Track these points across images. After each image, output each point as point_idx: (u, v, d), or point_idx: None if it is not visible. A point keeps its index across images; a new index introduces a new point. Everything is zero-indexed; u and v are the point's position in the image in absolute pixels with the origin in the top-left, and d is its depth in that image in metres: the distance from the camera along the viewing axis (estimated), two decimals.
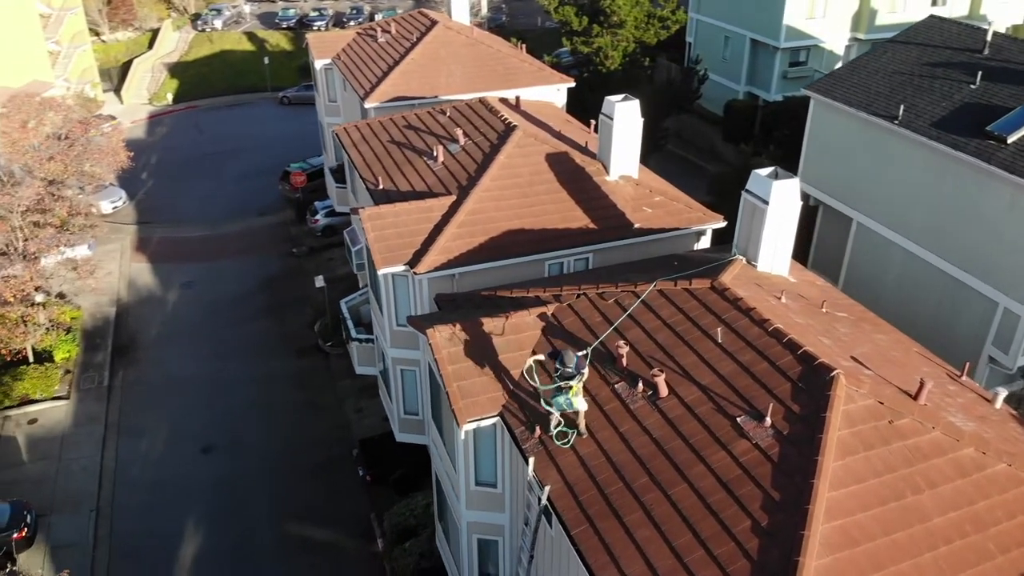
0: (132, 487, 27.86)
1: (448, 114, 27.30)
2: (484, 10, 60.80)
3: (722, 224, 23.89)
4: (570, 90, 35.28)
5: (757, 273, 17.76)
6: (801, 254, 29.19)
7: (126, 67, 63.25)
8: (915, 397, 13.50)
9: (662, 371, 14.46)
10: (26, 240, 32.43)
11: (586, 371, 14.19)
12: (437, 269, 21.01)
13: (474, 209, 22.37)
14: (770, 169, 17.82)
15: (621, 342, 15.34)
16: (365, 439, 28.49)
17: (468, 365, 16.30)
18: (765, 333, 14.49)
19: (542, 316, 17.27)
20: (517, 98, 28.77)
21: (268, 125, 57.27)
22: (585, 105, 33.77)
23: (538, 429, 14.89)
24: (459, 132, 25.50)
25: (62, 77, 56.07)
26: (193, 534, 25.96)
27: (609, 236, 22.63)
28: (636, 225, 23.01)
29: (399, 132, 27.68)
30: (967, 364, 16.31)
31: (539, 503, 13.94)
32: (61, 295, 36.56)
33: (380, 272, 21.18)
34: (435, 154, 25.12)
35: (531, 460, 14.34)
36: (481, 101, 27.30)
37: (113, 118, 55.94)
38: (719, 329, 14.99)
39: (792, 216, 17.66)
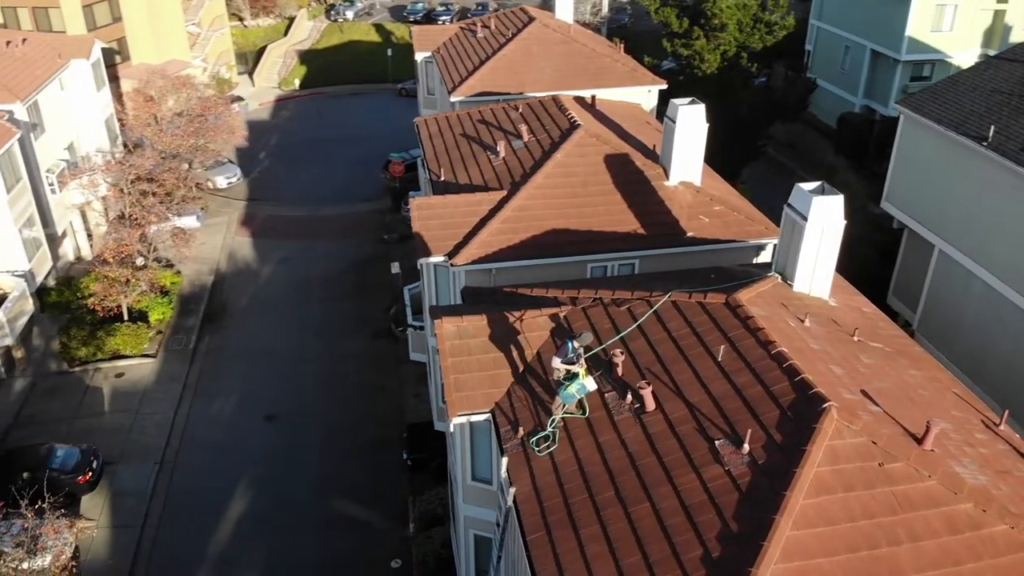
0: (196, 446, 29.50)
1: (520, 110, 27.20)
2: (604, 10, 60.21)
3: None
4: (664, 93, 34.38)
5: (790, 293, 16.68)
6: (883, 280, 27.30)
7: (261, 52, 66.91)
8: (920, 441, 12.30)
9: (649, 384, 13.84)
10: (132, 207, 34.93)
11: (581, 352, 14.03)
12: (475, 262, 21.01)
13: (521, 206, 22.20)
14: (816, 184, 16.73)
15: (618, 351, 14.79)
16: (414, 424, 28.93)
17: (470, 359, 16.19)
18: (767, 355, 13.58)
19: (553, 317, 16.92)
20: (593, 97, 28.28)
21: (384, 115, 59.05)
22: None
23: (521, 430, 14.61)
24: (524, 129, 25.37)
25: (200, 58, 59.95)
26: (241, 496, 27.19)
27: (657, 243, 21.90)
28: (689, 234, 22.15)
29: (472, 126, 27.84)
30: (1006, 412, 14.65)
31: (505, 504, 13.68)
32: (166, 261, 39.12)
33: (419, 261, 21.40)
34: (498, 149, 25.12)
35: (504, 460, 14.09)
36: (553, 99, 27.03)
37: (241, 99, 59.39)
38: (722, 347, 14.18)
39: (834, 235, 16.48)
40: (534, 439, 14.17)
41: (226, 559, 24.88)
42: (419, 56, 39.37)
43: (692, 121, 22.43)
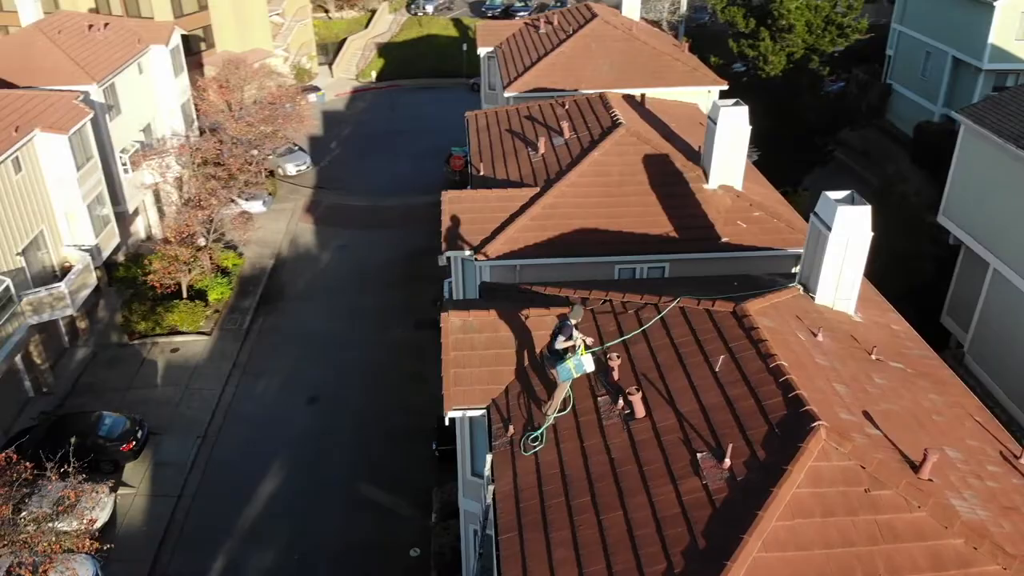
0: (239, 422, 30.39)
1: (567, 107, 26.93)
2: (683, 8, 59.00)
3: None
4: (726, 94, 33.47)
5: (810, 305, 15.96)
6: (938, 297, 25.83)
7: (342, 44, 68.34)
8: (916, 469, 11.57)
9: (639, 390, 13.46)
10: (197, 189, 36.21)
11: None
12: (499, 258, 20.93)
13: (552, 203, 22.00)
14: (845, 192, 15.95)
15: (615, 355, 14.45)
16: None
17: (473, 354, 16.11)
18: (764, 369, 13.01)
19: (561, 317, 16.62)
20: (642, 96, 27.75)
21: (454, 109, 59.22)
22: None
23: (511, 428, 14.45)
24: (566, 126, 25.12)
25: (281, 47, 61.66)
26: (275, 474, 27.86)
27: (689, 247, 21.38)
28: (724, 239, 21.53)
29: (518, 122, 27.73)
30: None
31: (485, 501, 13.56)
32: (229, 243, 40.41)
33: (444, 254, 21.44)
34: (538, 146, 24.94)
35: (489, 457, 13.97)
36: (600, 96, 26.65)
37: (318, 89, 60.82)
38: (722, 357, 13.68)
39: (860, 247, 15.68)
40: (524, 438, 13.99)
41: (253, 534, 25.53)
42: (482, 51, 39.51)
43: (734, 123, 21.75)
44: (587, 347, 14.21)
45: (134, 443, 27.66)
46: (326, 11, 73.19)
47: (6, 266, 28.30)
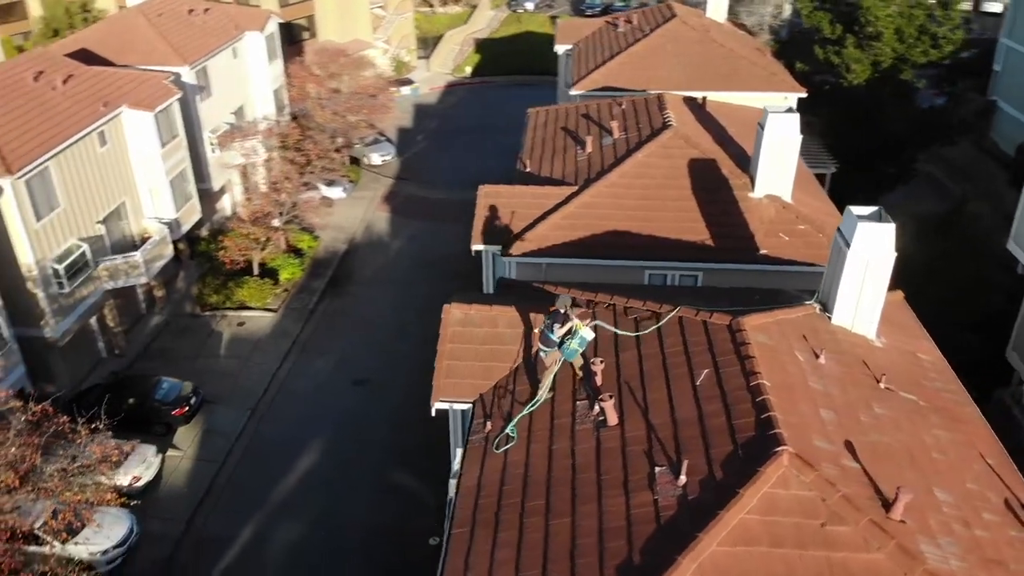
0: (289, 398, 31.41)
1: (623, 106, 26.43)
2: (786, 12, 56.77)
3: None
4: (804, 102, 32.09)
5: (824, 325, 15.07)
6: (1004, 330, 23.87)
7: (441, 38, 69.39)
8: (888, 508, 10.75)
9: (612, 397, 13.07)
10: (276, 172, 37.62)
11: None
12: (526, 255, 20.78)
13: (587, 203, 21.67)
14: (872, 208, 15.00)
15: (598, 359, 14.08)
16: None
17: (468, 347, 16.07)
18: (745, 386, 12.38)
19: (551, 312, 16.34)
20: (703, 98, 26.91)
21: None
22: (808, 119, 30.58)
23: (489, 425, 14.33)
24: (615, 125, 24.66)
25: (381, 40, 63.19)
26: (313, 451, 28.65)
27: (725, 257, 20.60)
28: (762, 251, 20.64)
29: (574, 120, 27.44)
30: None
31: (449, 495, 13.50)
32: (306, 225, 41.73)
33: (473, 247, 21.47)
34: (586, 145, 24.60)
35: (459, 451, 13.88)
36: (658, 96, 26.01)
37: (412, 82, 62.03)
38: (705, 371, 13.11)
39: (882, 268, 14.70)
40: (498, 436, 13.86)
41: (285, 506, 26.34)
42: (560, 49, 39.31)
43: (783, 130, 20.79)
44: (583, 323, 14.22)
45: (187, 409, 29.01)
46: (430, 6, 74.52)
47: (86, 233, 30.19)
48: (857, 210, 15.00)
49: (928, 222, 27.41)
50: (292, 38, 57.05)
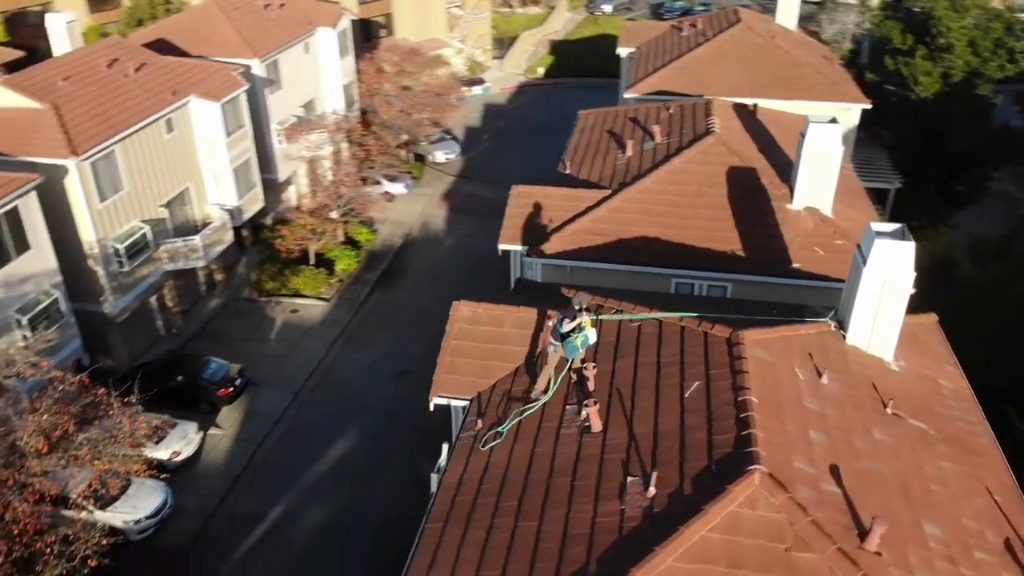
0: (331, 386, 32.10)
1: (671, 111, 26.00)
2: (869, 22, 54.62)
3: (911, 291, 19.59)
4: (870, 114, 30.95)
5: (836, 344, 14.51)
6: None
7: (516, 39, 69.63)
8: (862, 539, 10.27)
9: (596, 403, 12.89)
10: (338, 166, 38.52)
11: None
12: (551, 257, 20.69)
13: (617, 207, 21.42)
14: (896, 225, 14.37)
15: (591, 364, 13.90)
16: None
17: (473, 345, 16.11)
18: (731, 401, 12.03)
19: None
20: (754, 106, 26.20)
21: None
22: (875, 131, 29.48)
23: (480, 423, 14.34)
24: (658, 130, 24.28)
25: (457, 39, 63.84)
26: (348, 439, 29.21)
27: (755, 269, 20.03)
28: (795, 265, 19.99)
29: (621, 123, 27.15)
30: None
31: (432, 490, 13.56)
32: (366, 218, 42.55)
33: (500, 247, 21.50)
34: (626, 148, 24.31)
35: (445, 446, 13.94)
36: (706, 102, 25.48)
37: (483, 82, 62.42)
38: (696, 383, 12.79)
39: (901, 288, 14.07)
40: (487, 434, 13.86)
41: (315, 490, 26.93)
42: (623, 52, 38.94)
43: (824, 141, 20.08)
44: (592, 322, 14.16)
45: (231, 389, 29.99)
46: (509, 6, 74.86)
47: (148, 215, 31.55)
48: (878, 226, 14.39)
49: (989, 243, 25.95)
50: (369, 35, 58.31)
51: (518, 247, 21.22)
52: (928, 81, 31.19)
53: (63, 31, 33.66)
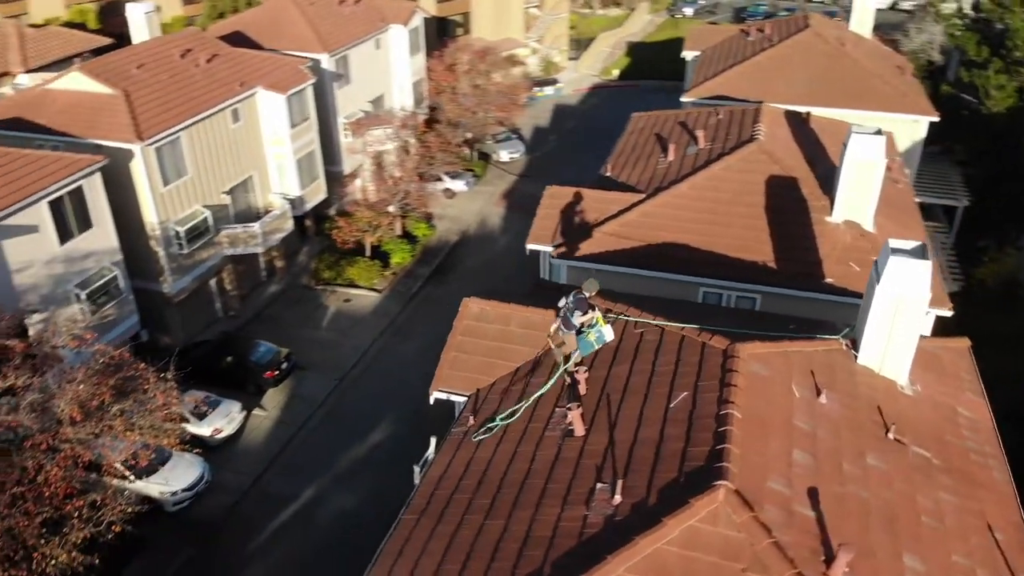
0: (375, 375, 32.71)
1: (720, 116, 25.44)
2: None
3: (946, 313, 18.71)
4: (939, 127, 29.57)
5: (842, 363, 13.95)
6: None
7: (593, 40, 69.30)
8: (827, 565, 9.85)
9: (579, 407, 12.75)
10: (399, 162, 39.20)
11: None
12: (577, 259, 20.55)
13: (649, 211, 21.10)
14: (915, 243, 13.74)
15: (583, 368, 13.76)
16: None
17: (478, 342, 16.19)
18: (714, 414, 11.71)
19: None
20: (807, 114, 25.36)
21: None
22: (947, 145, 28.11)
23: (472, 419, 14.38)
24: (702, 134, 23.79)
25: (534, 39, 63.99)
26: (384, 427, 29.69)
27: (784, 281, 19.42)
28: (828, 280, 19.28)
29: (670, 127, 26.71)
30: None
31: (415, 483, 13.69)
32: (427, 215, 43.16)
33: (528, 247, 21.49)
34: (669, 153, 23.92)
35: (433, 440, 14.04)
36: (756, 108, 24.80)
37: (556, 82, 62.35)
38: (684, 394, 12.51)
39: (916, 308, 13.42)
40: (479, 429, 13.89)
41: (346, 476, 27.49)
42: (688, 55, 38.31)
43: (867, 152, 19.29)
44: (605, 318, 14.02)
45: (277, 373, 30.90)
46: (590, 7, 74.55)
47: (211, 201, 32.81)
48: (896, 243, 13.76)
49: None
50: (445, 34, 59.08)
51: (547, 248, 21.13)
52: (1001, 95, 29.51)
53: (142, 21, 35.33)
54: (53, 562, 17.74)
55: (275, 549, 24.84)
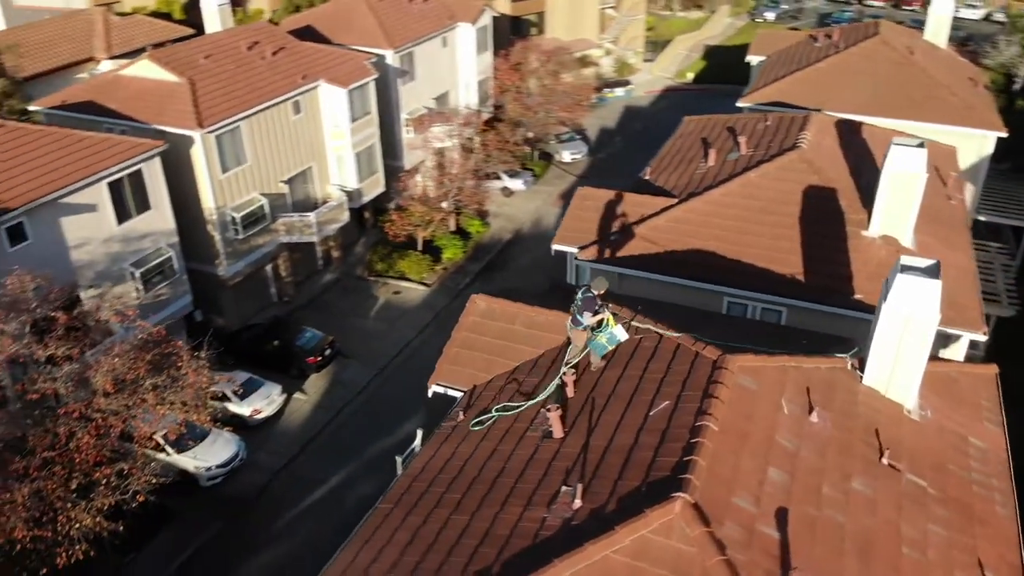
0: (415, 366, 32.91)
1: (768, 122, 24.76)
2: None
3: (980, 336, 17.78)
4: (1007, 143, 28.07)
5: (845, 382, 13.42)
6: None
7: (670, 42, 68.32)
8: None
9: (559, 409, 12.64)
10: (453, 159, 39.61)
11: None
12: (600, 262, 20.37)
13: (679, 217, 20.73)
14: (930, 261, 13.12)
15: (571, 370, 13.66)
16: None
17: (481, 339, 16.26)
18: (690, 425, 11.45)
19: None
20: (860, 124, 24.41)
21: None
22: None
23: (462, 415, 14.46)
24: (743, 141, 23.21)
25: (608, 40, 63.53)
26: (419, 417, 29.90)
27: (812, 295, 18.79)
28: (857, 296, 18.57)
29: (716, 131, 26.17)
30: None
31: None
32: (483, 212, 43.42)
33: (554, 247, 21.43)
34: (708, 158, 23.45)
35: (419, 432, 14.17)
36: (805, 116, 24.05)
37: (627, 84, 61.77)
38: (666, 402, 12.26)
39: (924, 329, 12.81)
40: (472, 421, 13.97)
41: (373, 463, 27.92)
42: (753, 60, 37.41)
43: (907, 165, 18.48)
44: (616, 318, 14.08)
45: (320, 359, 31.68)
46: (671, 9, 73.50)
47: (269, 189, 33.83)
48: (908, 260, 13.16)
49: None
50: (518, 32, 59.25)
51: (572, 249, 21.01)
52: None
53: (215, 13, 36.70)
54: (77, 525, 18.65)
55: (300, 529, 25.49)
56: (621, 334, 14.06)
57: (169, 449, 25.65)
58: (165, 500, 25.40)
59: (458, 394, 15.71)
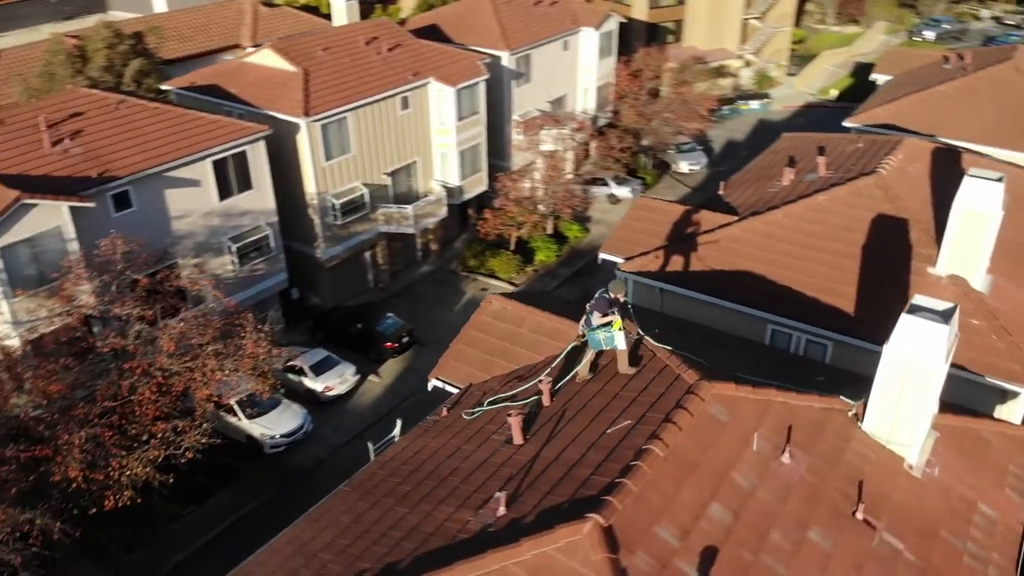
0: None
1: (860, 144, 23.23)
2: None
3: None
4: None
5: (840, 427, 12.50)
6: None
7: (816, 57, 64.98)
8: None
9: (520, 415, 12.49)
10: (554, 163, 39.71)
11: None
12: (642, 275, 19.89)
13: (734, 236, 19.90)
14: (947, 305, 12.01)
15: (546, 378, 13.46)
16: None
17: (487, 339, 16.32)
18: (638, 447, 11.01)
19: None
20: (958, 152, 22.39)
21: None
22: None
23: (445, 411, 14.62)
24: (821, 162, 21.90)
25: (750, 51, 61.32)
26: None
27: (858, 331, 17.53)
28: None
29: (806, 150, 24.81)
30: None
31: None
32: (584, 217, 43.23)
33: (600, 256, 21.13)
34: (784, 178, 22.29)
35: (399, 422, 14.44)
36: (897, 141, 22.35)
37: (765, 97, 59.37)
38: (628, 422, 11.87)
39: (930, 377, 11.75)
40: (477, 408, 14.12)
41: None
42: (879, 79, 35.10)
43: (980, 200, 16.84)
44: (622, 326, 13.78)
45: (396, 345, 32.69)
46: (824, 23, 69.95)
47: (371, 180, 35.22)
48: (923, 301, 12.07)
49: None
50: (655, 39, 58.39)
51: (617, 259, 20.61)
52: None
53: (342, 7, 38.56)
54: (128, 472, 20.27)
55: None
56: (620, 342, 13.62)
57: (240, 414, 27.31)
58: (232, 462, 27.26)
59: (454, 390, 15.82)
